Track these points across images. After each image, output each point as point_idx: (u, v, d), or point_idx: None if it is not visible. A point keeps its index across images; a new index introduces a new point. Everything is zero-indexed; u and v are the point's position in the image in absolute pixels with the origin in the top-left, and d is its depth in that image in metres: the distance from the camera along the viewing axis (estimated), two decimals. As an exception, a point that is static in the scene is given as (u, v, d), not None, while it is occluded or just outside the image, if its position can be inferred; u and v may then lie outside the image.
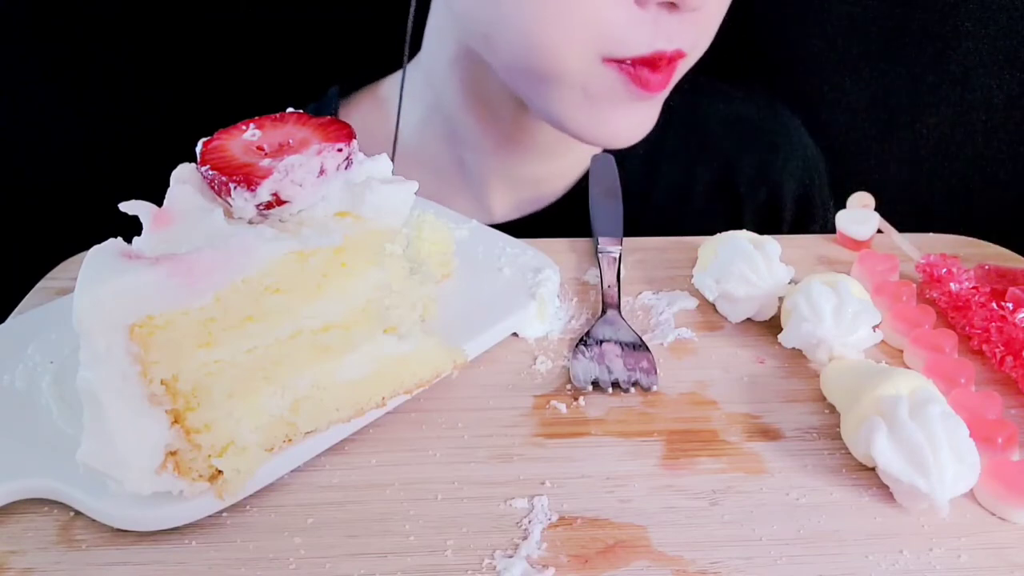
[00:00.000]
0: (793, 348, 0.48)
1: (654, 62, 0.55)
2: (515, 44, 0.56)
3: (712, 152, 0.74)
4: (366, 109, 0.75)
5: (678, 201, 0.73)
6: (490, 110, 0.67)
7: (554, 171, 0.71)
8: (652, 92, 0.56)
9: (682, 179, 0.73)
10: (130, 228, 0.36)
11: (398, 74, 0.74)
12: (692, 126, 0.74)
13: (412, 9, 0.64)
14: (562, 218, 0.69)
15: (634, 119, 0.60)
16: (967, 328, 0.49)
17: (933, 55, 0.78)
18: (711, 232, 0.55)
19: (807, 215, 0.75)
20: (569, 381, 0.46)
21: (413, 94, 0.70)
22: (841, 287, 0.47)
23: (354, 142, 0.39)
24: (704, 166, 0.74)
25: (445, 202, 0.71)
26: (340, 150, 0.38)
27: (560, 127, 0.61)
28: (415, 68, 0.72)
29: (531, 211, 0.71)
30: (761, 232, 0.54)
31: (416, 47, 0.72)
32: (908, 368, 0.46)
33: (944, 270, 0.52)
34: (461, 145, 0.70)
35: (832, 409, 0.44)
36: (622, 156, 0.71)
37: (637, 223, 0.60)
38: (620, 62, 0.55)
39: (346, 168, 0.39)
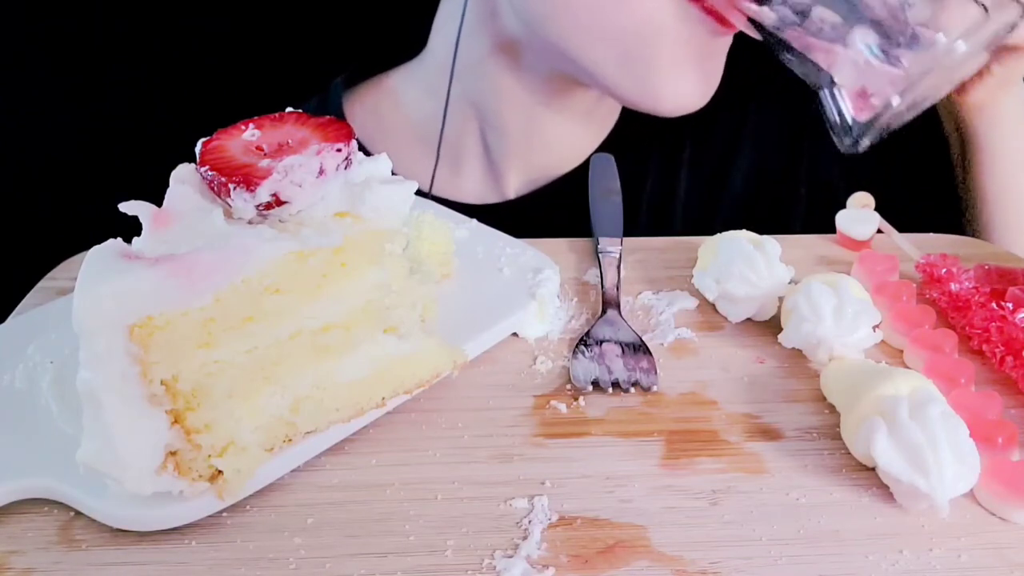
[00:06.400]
0: (793, 348, 0.48)
1: None
2: (610, 14, 0.57)
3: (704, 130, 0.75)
4: (374, 100, 0.75)
5: (667, 176, 0.74)
6: (520, 100, 0.69)
7: (573, 152, 0.73)
8: (728, 27, 0.58)
9: (671, 156, 0.75)
10: (130, 228, 0.36)
11: (405, 66, 0.75)
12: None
13: (464, 5, 0.66)
14: (569, 192, 0.69)
15: (714, 77, 0.61)
16: (967, 328, 0.49)
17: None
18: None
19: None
20: (569, 381, 0.46)
21: (429, 86, 0.71)
22: (841, 287, 0.47)
23: (353, 142, 0.39)
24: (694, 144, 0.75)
25: (460, 182, 0.72)
26: (339, 150, 0.38)
27: (635, 99, 0.62)
28: (425, 62, 0.72)
29: (539, 186, 0.73)
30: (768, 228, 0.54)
31: (420, 45, 0.73)
32: (908, 368, 0.46)
33: (944, 270, 0.52)
34: (487, 131, 0.71)
35: (832, 409, 0.44)
36: (621, 135, 0.73)
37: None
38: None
39: (345, 168, 0.39)
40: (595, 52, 0.60)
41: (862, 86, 0.44)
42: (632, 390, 0.45)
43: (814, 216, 0.62)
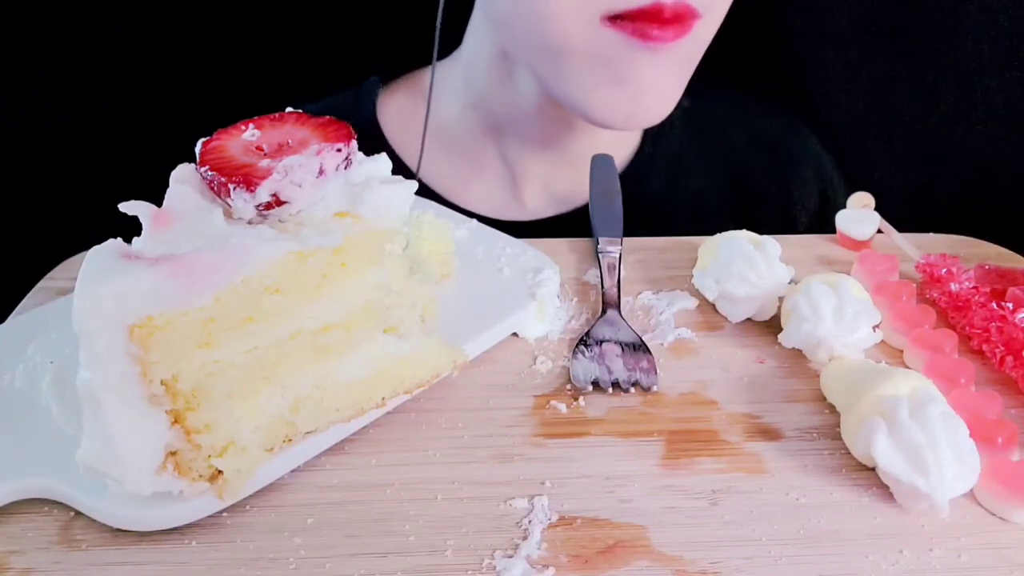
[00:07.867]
0: (793, 348, 0.48)
1: (654, 14, 0.54)
2: (526, 20, 0.57)
3: (729, 161, 0.74)
4: (405, 98, 0.75)
5: (692, 210, 0.73)
6: (528, 108, 0.68)
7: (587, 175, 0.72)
8: (657, 43, 0.55)
9: (697, 187, 0.74)
10: (130, 228, 0.36)
11: (439, 65, 0.74)
12: (708, 135, 0.74)
13: (440, 9, 0.65)
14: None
15: (653, 90, 0.58)
16: (967, 328, 0.49)
17: (933, 55, 0.78)
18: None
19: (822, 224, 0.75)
20: (569, 381, 0.46)
21: (454, 88, 0.70)
22: (841, 287, 0.47)
23: (353, 142, 0.39)
24: (720, 175, 0.74)
25: (481, 193, 0.71)
26: (339, 150, 0.38)
27: (582, 111, 0.60)
28: (455, 62, 0.72)
29: (564, 211, 0.71)
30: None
31: (457, 41, 0.72)
32: (908, 368, 0.46)
33: (944, 270, 0.52)
34: (502, 139, 0.71)
35: (832, 409, 0.44)
36: (641, 164, 0.72)
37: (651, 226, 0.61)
38: (620, 18, 0.55)
39: (345, 168, 0.39)
40: (538, 64, 0.59)
41: None
42: (632, 390, 0.45)
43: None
